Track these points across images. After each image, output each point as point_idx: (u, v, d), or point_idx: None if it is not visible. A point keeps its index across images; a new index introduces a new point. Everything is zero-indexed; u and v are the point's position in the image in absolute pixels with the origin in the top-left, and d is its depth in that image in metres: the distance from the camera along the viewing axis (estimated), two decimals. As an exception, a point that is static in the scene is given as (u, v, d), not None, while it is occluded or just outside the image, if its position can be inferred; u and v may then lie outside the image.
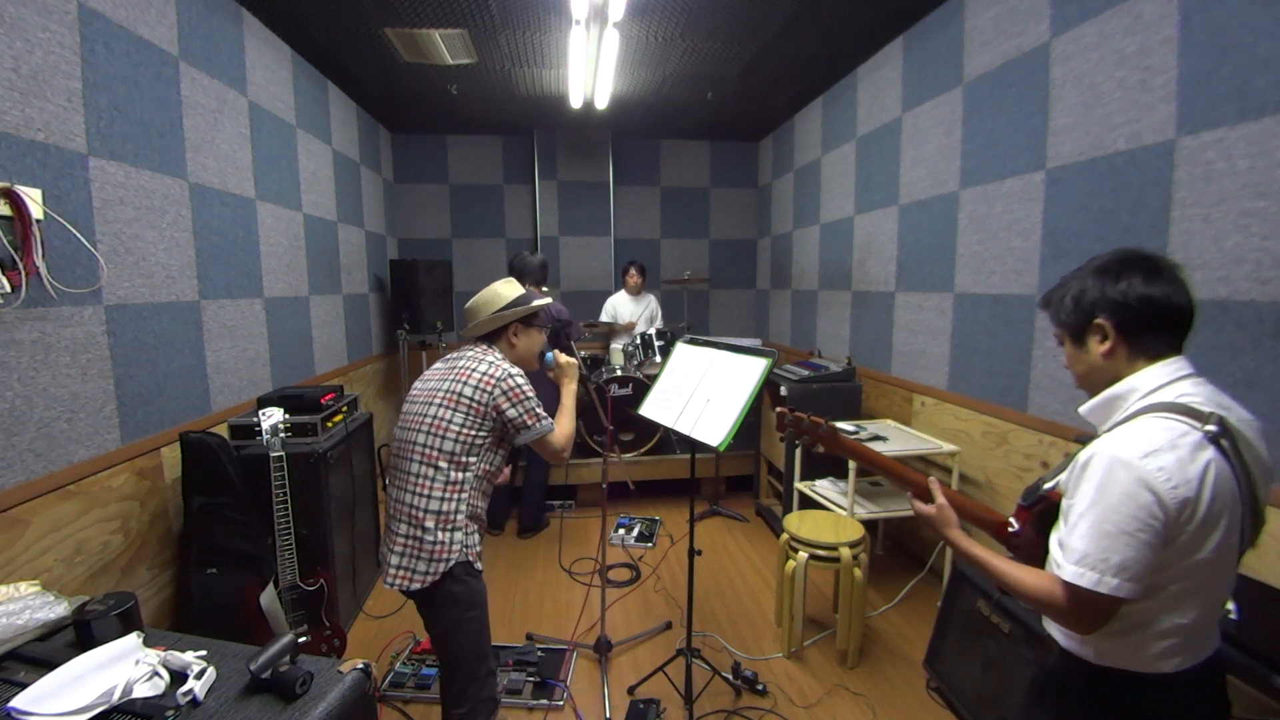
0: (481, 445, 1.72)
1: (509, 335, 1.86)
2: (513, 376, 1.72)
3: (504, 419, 1.71)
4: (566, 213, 5.65)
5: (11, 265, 1.64)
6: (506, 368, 1.73)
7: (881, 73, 3.67)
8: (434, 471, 1.66)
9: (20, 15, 1.70)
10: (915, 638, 2.66)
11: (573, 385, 2.01)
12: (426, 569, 1.64)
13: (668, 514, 4.07)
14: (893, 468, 1.32)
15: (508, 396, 1.70)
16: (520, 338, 1.88)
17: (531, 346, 1.93)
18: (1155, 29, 1.99)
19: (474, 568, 1.72)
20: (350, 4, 3.02)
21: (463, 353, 1.81)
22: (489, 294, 1.85)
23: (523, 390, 1.72)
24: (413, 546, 1.65)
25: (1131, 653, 1.00)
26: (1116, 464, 0.93)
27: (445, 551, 1.65)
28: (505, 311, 1.82)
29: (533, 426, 1.74)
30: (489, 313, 1.81)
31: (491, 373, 1.70)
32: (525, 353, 1.91)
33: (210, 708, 1.07)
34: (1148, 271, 1.01)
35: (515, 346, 1.88)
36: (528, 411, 1.73)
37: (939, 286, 3.14)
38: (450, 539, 1.66)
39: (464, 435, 1.68)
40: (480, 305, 1.84)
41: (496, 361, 1.74)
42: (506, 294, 1.85)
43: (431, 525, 1.64)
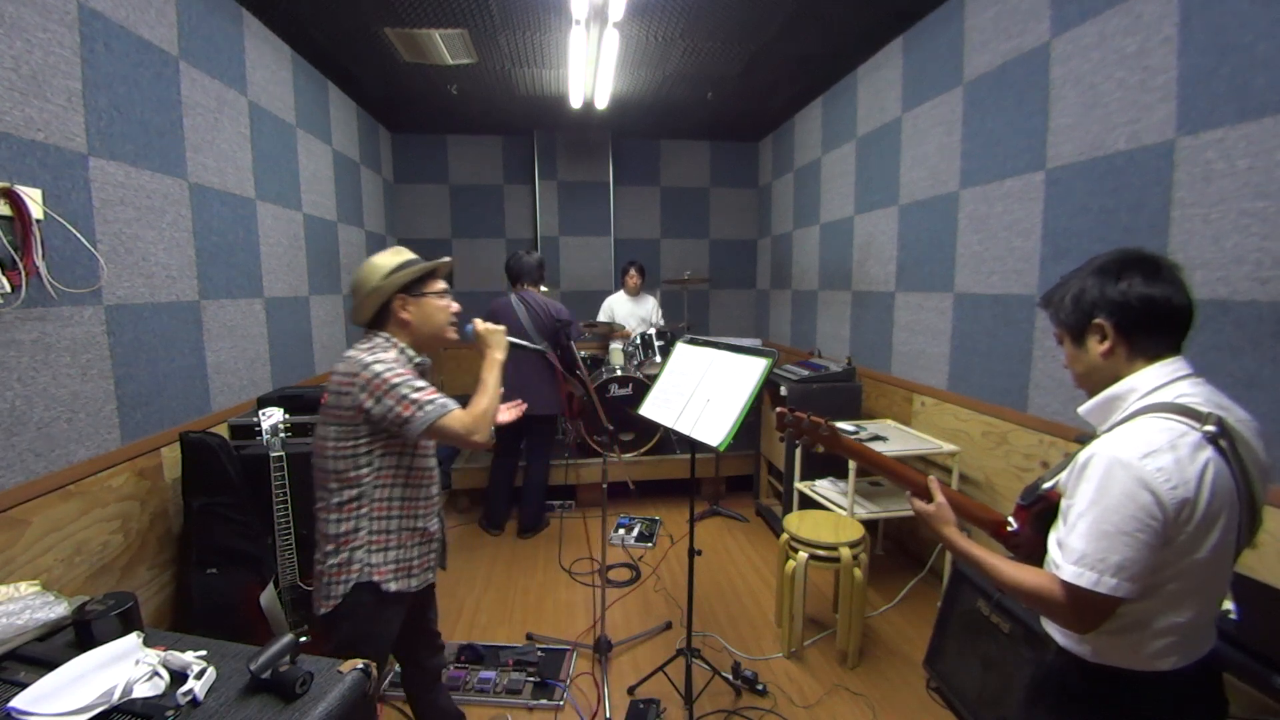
0: (369, 454, 1.47)
1: (396, 313, 1.54)
2: (369, 367, 1.43)
3: (373, 419, 1.43)
4: (566, 213, 5.65)
5: (11, 265, 1.64)
6: (362, 358, 1.45)
7: (881, 73, 3.67)
8: (326, 494, 1.49)
9: (20, 15, 1.70)
10: (915, 638, 2.66)
11: (496, 355, 1.67)
12: (327, 594, 1.50)
13: (668, 514, 4.07)
14: (892, 467, 1.32)
15: (368, 391, 1.42)
16: (411, 310, 1.55)
17: (432, 318, 1.59)
18: (1155, 29, 1.99)
19: (383, 590, 1.51)
20: (350, 4, 3.02)
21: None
22: (364, 270, 1.54)
23: (383, 378, 1.42)
24: (319, 570, 1.52)
25: (1129, 651, 1.00)
26: (1116, 464, 0.93)
27: (344, 573, 1.49)
28: (382, 284, 1.51)
29: (412, 416, 1.42)
30: (364, 292, 1.53)
31: (347, 369, 1.45)
32: (427, 327, 1.59)
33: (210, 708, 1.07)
34: (1148, 272, 1.01)
35: (409, 324, 1.56)
36: (399, 401, 1.42)
37: (939, 286, 3.14)
38: (349, 559, 1.49)
39: (342, 449, 1.46)
40: (355, 285, 1.55)
41: (354, 354, 1.47)
42: (383, 263, 1.54)
43: (331, 549, 1.49)
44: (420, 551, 1.60)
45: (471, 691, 2.32)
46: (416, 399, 1.44)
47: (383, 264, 1.54)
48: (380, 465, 1.50)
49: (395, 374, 1.44)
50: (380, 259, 1.56)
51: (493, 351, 1.68)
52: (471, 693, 2.32)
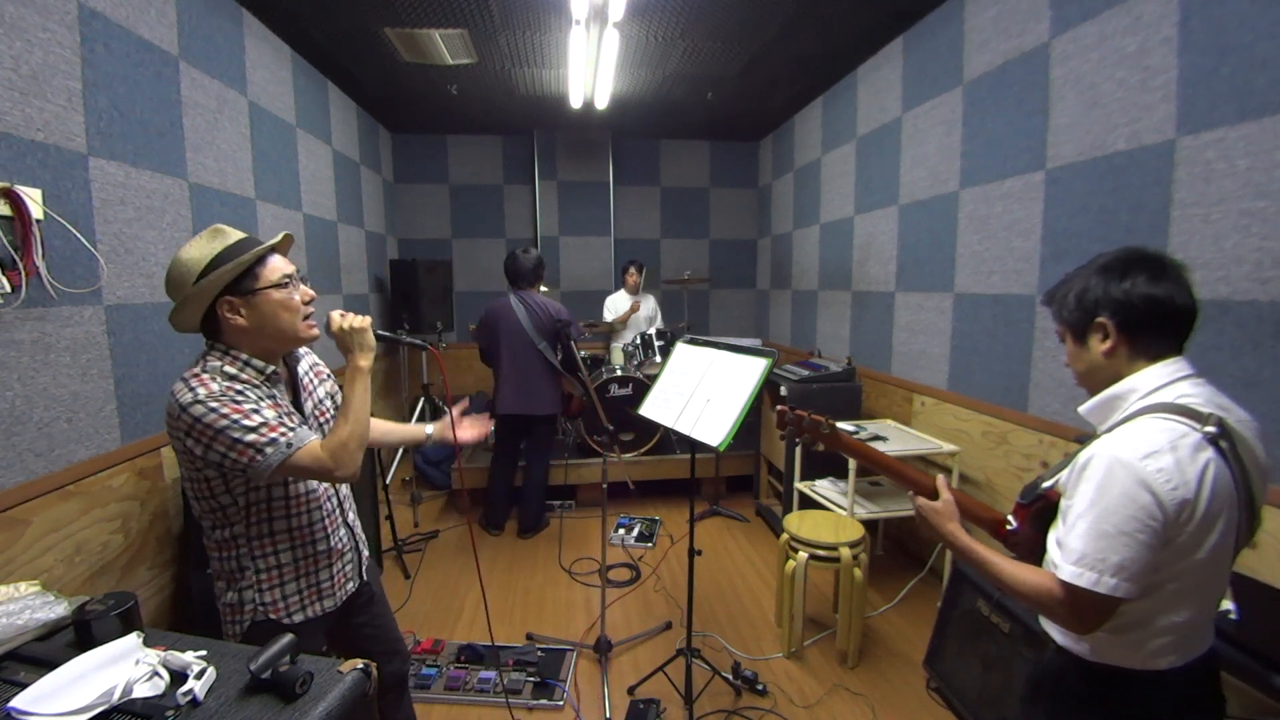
0: (227, 493, 1.28)
1: (224, 318, 1.25)
2: (186, 410, 1.17)
3: (211, 465, 1.21)
4: (566, 213, 5.65)
5: (11, 265, 1.64)
6: (179, 398, 1.19)
7: (881, 73, 3.67)
8: (204, 531, 1.35)
9: (20, 15, 1.70)
10: (915, 638, 2.66)
11: (361, 362, 1.34)
12: (229, 631, 1.38)
13: (668, 514, 4.07)
14: (893, 465, 1.32)
15: (193, 436, 1.18)
16: (246, 314, 1.25)
17: (273, 318, 1.27)
18: (1155, 29, 1.99)
19: (286, 624, 1.37)
20: (350, 4, 3.02)
21: None
22: (174, 268, 1.23)
23: (203, 423, 1.17)
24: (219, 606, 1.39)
25: (1127, 650, 1.00)
26: (1116, 464, 0.93)
27: (237, 614, 1.36)
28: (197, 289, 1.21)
29: (251, 462, 1.18)
30: (178, 300, 1.24)
31: (169, 411, 1.21)
32: (270, 330, 1.28)
33: (210, 708, 1.07)
34: (1152, 271, 1.01)
35: (244, 330, 1.26)
36: (230, 447, 1.18)
37: (939, 286, 3.14)
38: (240, 599, 1.35)
39: (197, 490, 1.28)
40: (170, 288, 1.25)
41: (175, 391, 1.21)
42: (198, 257, 1.22)
43: (223, 586, 1.37)
44: (330, 573, 1.44)
45: (471, 691, 2.32)
46: (252, 441, 1.18)
47: (192, 259, 1.22)
48: (247, 502, 1.30)
49: (218, 415, 1.17)
50: (188, 252, 1.23)
51: (355, 358, 1.34)
52: (471, 693, 2.32)
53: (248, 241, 1.27)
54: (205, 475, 1.26)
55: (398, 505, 4.02)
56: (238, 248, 1.25)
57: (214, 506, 1.30)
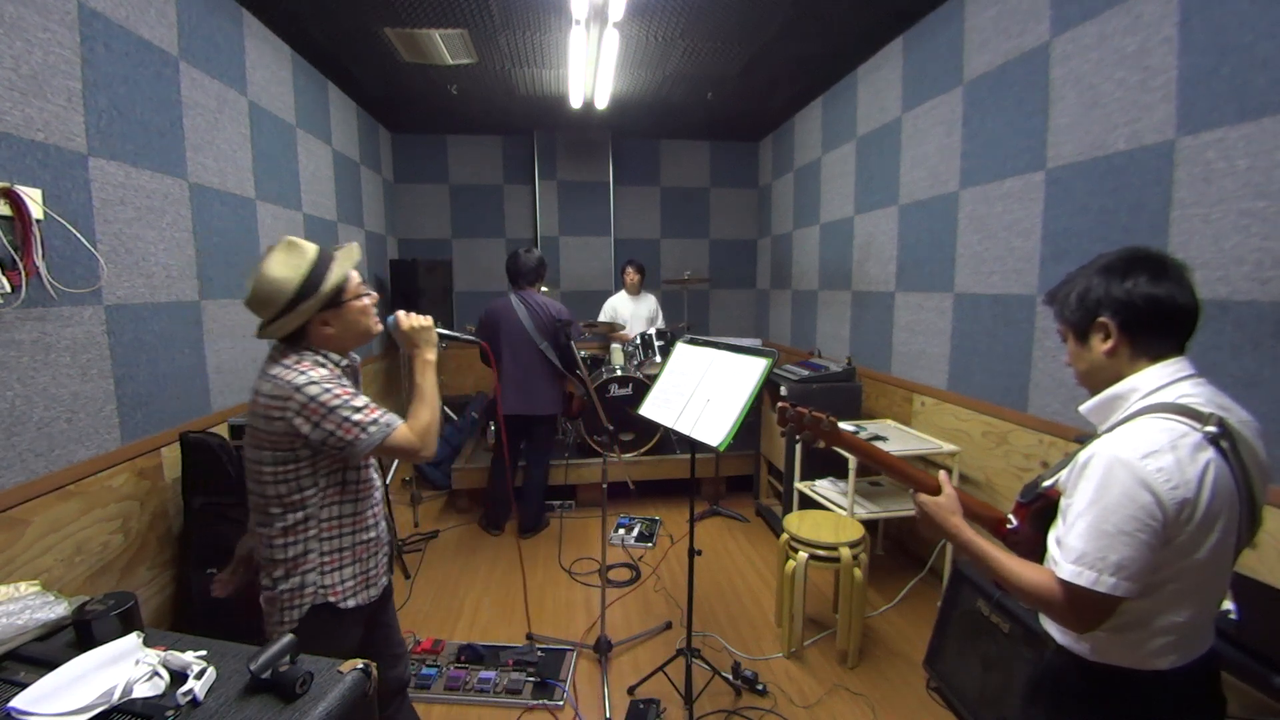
0: (311, 475, 1.37)
1: (316, 329, 1.41)
2: (300, 390, 1.29)
3: (312, 444, 1.32)
4: (566, 213, 5.65)
5: (11, 265, 1.64)
6: (291, 379, 1.30)
7: (881, 73, 3.67)
8: (268, 519, 1.39)
9: (20, 15, 1.70)
10: (915, 638, 2.66)
11: (427, 354, 1.51)
12: (280, 618, 1.43)
13: (668, 514, 4.07)
14: (895, 463, 1.31)
15: (303, 415, 1.30)
16: (335, 325, 1.42)
17: (354, 324, 1.45)
18: (1155, 29, 1.99)
19: (341, 609, 1.45)
20: (350, 4, 3.02)
21: (262, 369, 1.39)
22: (265, 285, 1.33)
23: (318, 401, 1.30)
24: (268, 596, 1.44)
25: (1127, 650, 1.00)
26: (1116, 464, 0.93)
27: (297, 598, 1.42)
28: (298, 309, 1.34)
29: (356, 440, 1.32)
30: (272, 313, 1.36)
31: (276, 392, 1.31)
32: (350, 334, 1.45)
33: (210, 708, 1.07)
34: (1154, 271, 1.01)
35: (333, 337, 1.43)
36: (340, 424, 1.31)
37: (939, 286, 3.14)
38: (301, 583, 1.41)
39: (281, 473, 1.35)
40: (260, 304, 1.36)
41: (280, 374, 1.32)
42: (289, 277, 1.33)
43: (281, 574, 1.42)
44: (375, 561, 1.53)
45: (471, 691, 2.32)
46: (358, 420, 1.32)
47: (283, 279, 1.33)
48: (325, 485, 1.40)
49: (332, 395, 1.31)
50: (280, 269, 1.34)
51: (422, 352, 1.51)
52: (471, 693, 2.32)
53: (324, 255, 1.40)
54: (298, 456, 1.35)
55: (398, 505, 4.02)
56: (322, 263, 1.38)
57: (294, 489, 1.37)
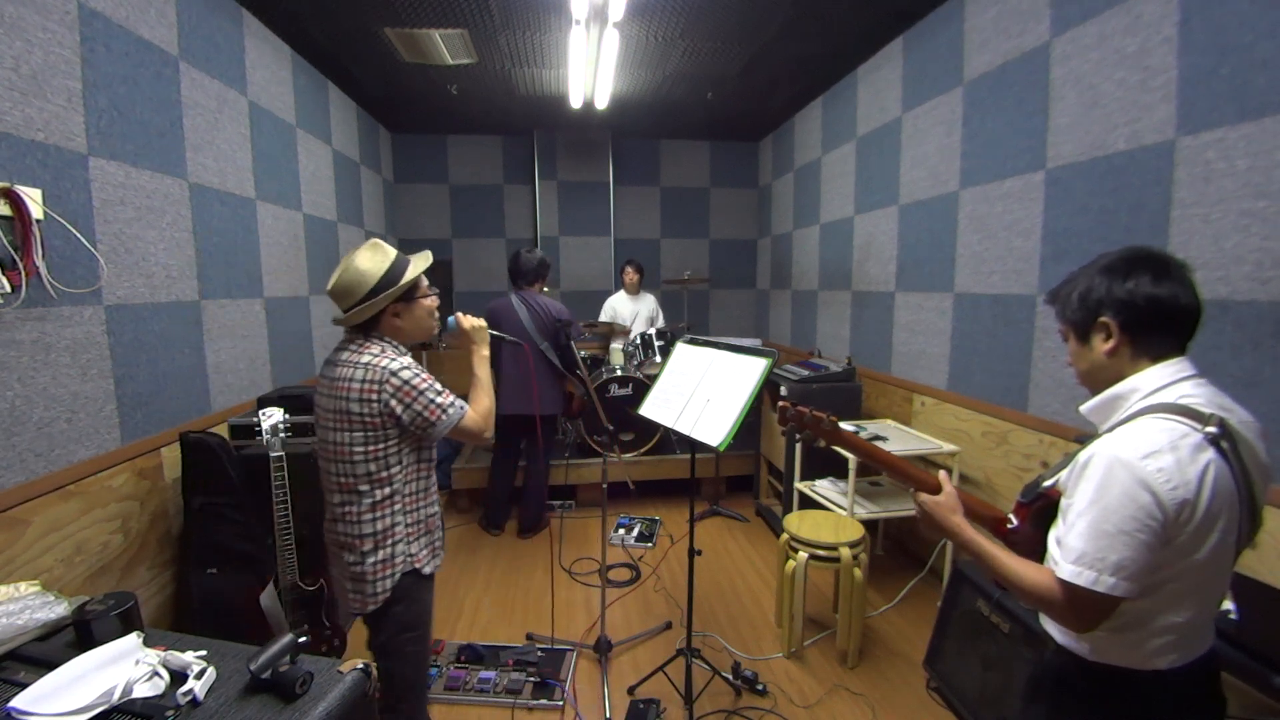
0: (397, 453, 1.54)
1: (389, 319, 1.58)
2: (395, 375, 1.47)
3: (402, 424, 1.50)
4: (566, 213, 5.65)
5: (11, 265, 1.64)
6: (385, 364, 1.48)
7: (881, 73, 3.67)
8: (356, 497, 1.53)
9: (20, 15, 1.70)
10: (915, 638, 2.66)
11: (483, 350, 1.76)
12: (374, 590, 1.56)
13: (668, 514, 4.07)
14: (895, 462, 1.31)
15: (397, 398, 1.48)
16: (404, 317, 1.60)
17: (421, 320, 1.64)
18: (1155, 29, 1.99)
19: (423, 574, 1.62)
20: (350, 4, 3.02)
21: (337, 355, 1.55)
22: (350, 275, 1.52)
23: (411, 385, 1.49)
24: (358, 572, 1.55)
25: (1127, 650, 1.00)
26: (1116, 464, 0.93)
27: (389, 568, 1.56)
28: (375, 300, 1.52)
29: (438, 420, 1.52)
30: (353, 301, 1.53)
31: (370, 377, 1.47)
32: (416, 329, 1.64)
33: (210, 708, 1.07)
34: (1156, 271, 1.00)
35: (401, 329, 1.60)
36: (426, 406, 1.50)
37: (939, 286, 3.14)
38: (392, 553, 1.56)
39: (371, 452, 1.50)
40: (342, 291, 1.53)
41: (373, 361, 1.49)
42: (372, 270, 1.53)
43: (370, 548, 1.54)
44: (439, 534, 1.71)
45: (471, 691, 2.32)
46: (441, 403, 1.53)
47: (372, 270, 1.53)
48: (407, 462, 1.57)
49: (421, 379, 1.51)
50: (366, 263, 1.53)
51: (479, 348, 1.76)
52: (471, 693, 2.32)
53: (402, 256, 1.61)
54: (387, 435, 1.50)
55: (398, 505, 4.01)
56: (401, 262, 1.58)
57: (383, 466, 1.52)
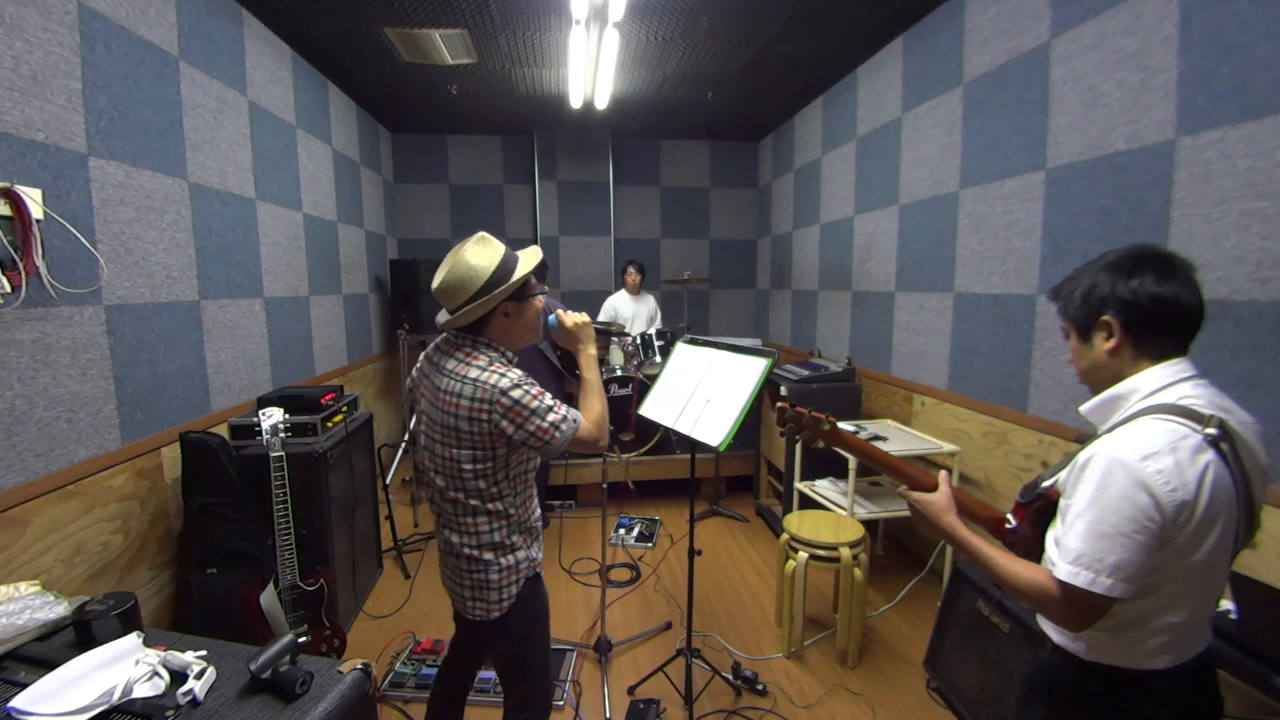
0: (506, 466, 1.47)
1: (499, 319, 1.48)
2: (506, 394, 1.36)
3: (513, 443, 1.41)
4: (566, 213, 5.65)
5: (11, 265, 1.64)
6: (494, 382, 1.36)
7: (881, 73, 3.67)
8: (471, 510, 1.48)
9: (20, 15, 1.70)
10: (915, 638, 2.66)
11: (590, 349, 1.64)
12: (500, 597, 1.53)
13: (668, 514, 4.07)
14: (894, 463, 1.31)
15: (509, 418, 1.37)
16: (514, 317, 1.49)
17: (530, 321, 1.54)
18: (1155, 29, 1.99)
19: (539, 576, 1.62)
20: (350, 4, 3.02)
21: (444, 358, 1.47)
22: (462, 270, 1.41)
23: (522, 404, 1.37)
24: (479, 580, 1.52)
25: (1124, 650, 1.00)
26: (1115, 465, 0.93)
27: (514, 574, 1.54)
28: (489, 297, 1.41)
29: (552, 439, 1.40)
30: (465, 298, 1.42)
31: (480, 395, 1.36)
32: (524, 328, 1.54)
33: (210, 708, 1.07)
34: (1160, 270, 1.00)
35: (510, 330, 1.50)
36: (540, 426, 1.39)
37: (939, 286, 3.14)
38: (515, 560, 1.53)
39: (481, 470, 1.43)
40: (454, 288, 1.42)
41: (481, 377, 1.38)
42: (484, 265, 1.41)
43: (491, 557, 1.51)
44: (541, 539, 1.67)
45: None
46: (554, 420, 1.41)
47: (484, 265, 1.41)
48: (515, 474, 1.51)
49: (531, 396, 1.39)
50: (478, 259, 1.41)
51: (586, 347, 1.64)
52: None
53: (510, 251, 1.49)
54: (495, 454, 1.42)
55: (398, 505, 4.02)
56: (511, 258, 1.46)
57: (492, 483, 1.45)
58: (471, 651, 1.78)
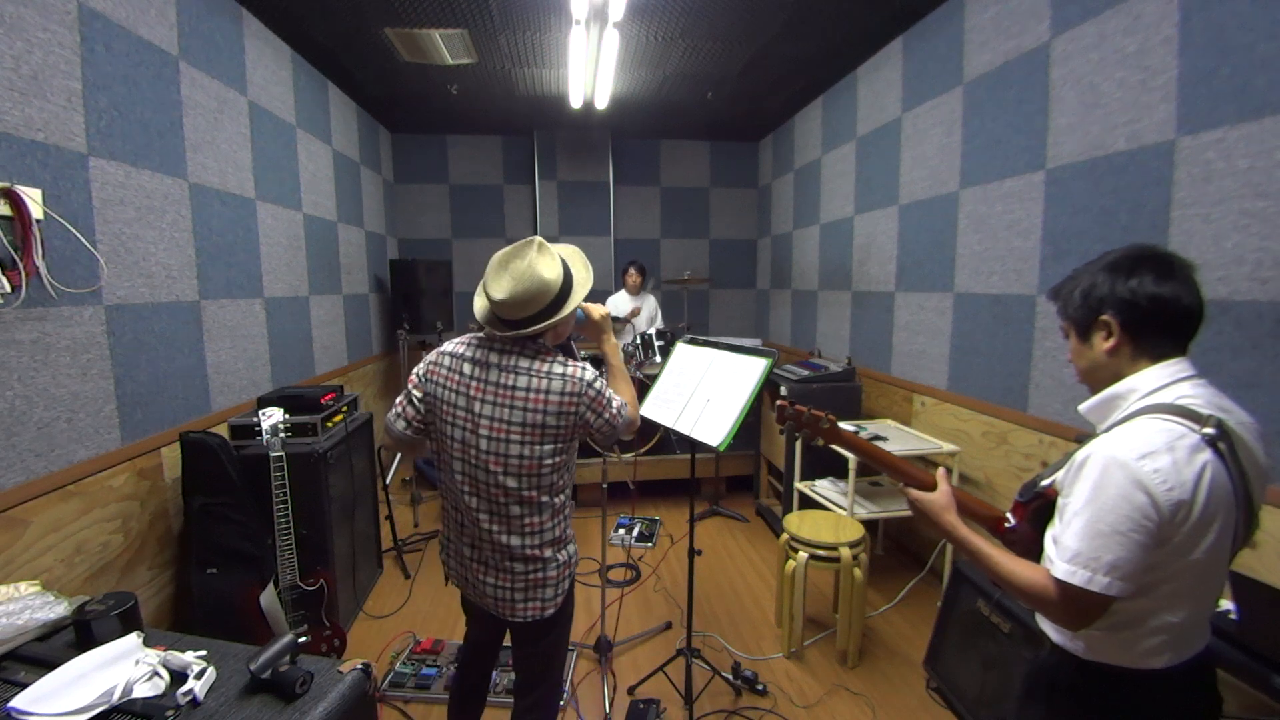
0: (567, 459, 1.55)
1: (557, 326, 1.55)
2: (591, 385, 1.46)
3: (591, 431, 1.51)
4: (566, 213, 5.65)
5: (11, 265, 1.64)
6: (580, 376, 1.45)
7: (881, 73, 3.67)
8: (539, 508, 1.51)
9: (20, 15, 1.70)
10: (915, 638, 2.66)
11: (613, 339, 1.74)
12: (555, 593, 1.57)
13: (668, 514, 4.07)
14: (893, 461, 1.31)
15: (593, 409, 1.47)
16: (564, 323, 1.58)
17: (569, 323, 1.60)
18: (1155, 29, 1.99)
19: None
20: (350, 4, 3.02)
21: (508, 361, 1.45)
22: (536, 285, 1.40)
23: (604, 395, 1.49)
24: (536, 579, 1.54)
25: (1122, 649, 1.01)
26: (1113, 464, 0.93)
27: (568, 569, 1.60)
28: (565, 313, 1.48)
29: (618, 424, 1.53)
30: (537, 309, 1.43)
31: (570, 389, 1.43)
32: (565, 330, 1.62)
33: (210, 708, 1.07)
34: (1160, 270, 1.00)
35: (559, 331, 1.58)
36: (612, 414, 1.51)
37: (939, 286, 3.14)
38: (568, 555, 1.60)
39: (559, 463, 1.50)
40: (527, 301, 1.40)
41: (569, 373, 1.44)
42: (554, 278, 1.43)
43: (551, 554, 1.55)
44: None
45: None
46: (617, 407, 1.53)
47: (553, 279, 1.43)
48: (571, 465, 1.60)
49: (605, 387, 1.52)
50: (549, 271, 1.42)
51: (608, 336, 1.74)
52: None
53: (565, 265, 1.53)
54: (570, 446, 1.53)
55: (398, 505, 4.02)
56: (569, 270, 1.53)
57: (563, 472, 1.54)
58: (491, 654, 1.79)
